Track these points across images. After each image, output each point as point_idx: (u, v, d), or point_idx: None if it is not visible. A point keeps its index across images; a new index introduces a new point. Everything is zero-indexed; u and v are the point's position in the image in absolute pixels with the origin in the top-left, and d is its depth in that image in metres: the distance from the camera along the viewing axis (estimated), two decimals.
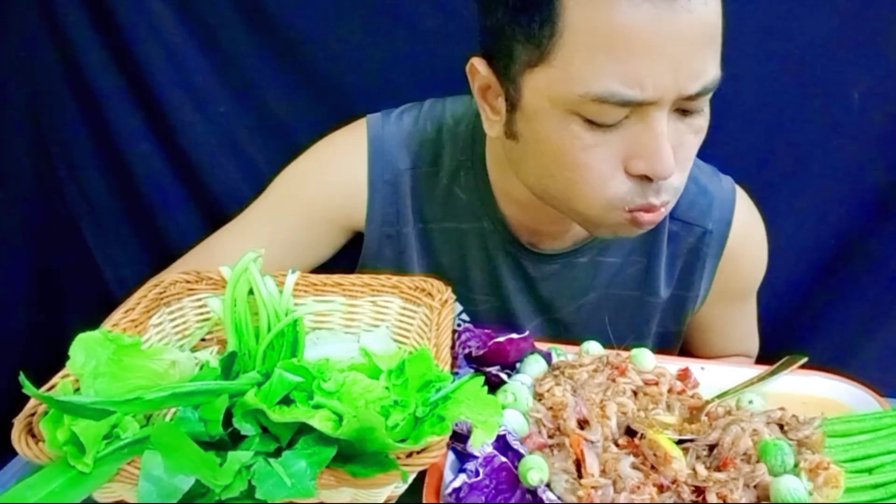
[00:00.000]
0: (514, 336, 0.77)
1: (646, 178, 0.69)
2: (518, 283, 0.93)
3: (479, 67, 0.74)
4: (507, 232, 0.90)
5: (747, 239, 0.94)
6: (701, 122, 0.71)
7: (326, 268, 0.95)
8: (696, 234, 0.91)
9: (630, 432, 0.70)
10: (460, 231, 0.91)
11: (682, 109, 0.68)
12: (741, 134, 1.03)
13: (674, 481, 0.64)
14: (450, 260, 0.93)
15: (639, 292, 0.94)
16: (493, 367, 0.76)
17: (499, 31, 0.70)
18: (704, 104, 0.70)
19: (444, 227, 0.92)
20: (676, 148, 0.68)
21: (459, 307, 0.96)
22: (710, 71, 0.66)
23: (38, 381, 0.55)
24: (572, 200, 0.73)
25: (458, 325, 0.94)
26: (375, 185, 0.89)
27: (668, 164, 0.67)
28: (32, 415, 0.56)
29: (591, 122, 0.67)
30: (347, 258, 0.96)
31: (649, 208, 0.71)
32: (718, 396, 0.76)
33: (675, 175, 0.70)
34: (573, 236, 0.90)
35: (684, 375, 0.80)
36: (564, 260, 0.91)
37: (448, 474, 0.66)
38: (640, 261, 0.92)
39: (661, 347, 0.98)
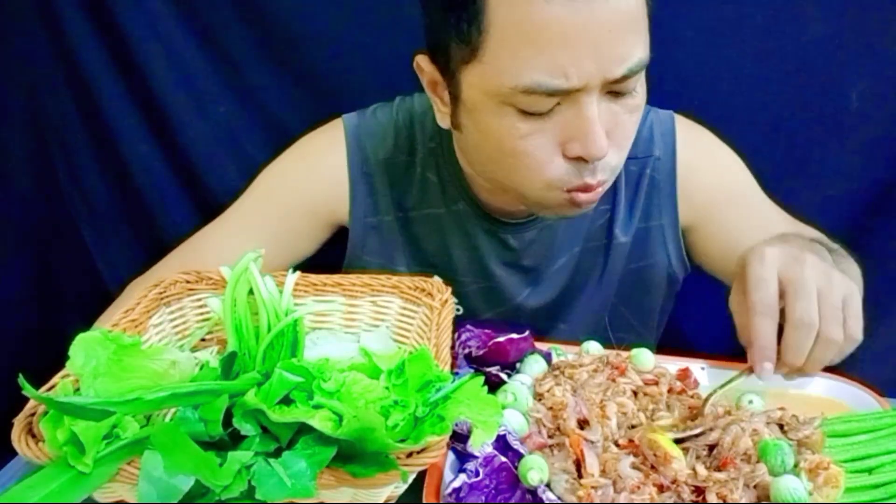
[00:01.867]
0: (514, 336, 0.77)
1: (582, 160, 0.72)
2: (501, 258, 0.95)
3: (423, 65, 0.79)
4: (483, 210, 0.92)
5: (697, 148, 0.95)
6: (636, 102, 0.74)
7: (316, 263, 0.95)
8: (650, 165, 0.94)
9: (631, 432, 0.70)
10: (438, 216, 0.94)
11: (613, 92, 0.71)
12: (741, 134, 1.03)
13: (674, 481, 0.64)
14: (432, 246, 0.96)
15: (606, 241, 0.96)
16: (493, 367, 0.76)
17: (435, 29, 0.75)
18: (635, 84, 0.72)
19: (423, 214, 0.94)
20: (612, 129, 0.72)
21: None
22: (634, 54, 0.69)
23: (38, 382, 0.55)
24: (515, 183, 0.78)
25: (458, 311, 0.95)
26: (355, 177, 0.93)
27: (600, 145, 0.70)
28: (32, 415, 0.55)
29: (524, 112, 0.71)
30: (335, 254, 0.97)
31: (586, 188, 0.75)
32: (722, 386, 0.74)
33: (612, 154, 0.74)
34: None
35: (684, 375, 0.80)
36: (541, 224, 0.93)
37: (448, 474, 0.66)
38: (606, 208, 0.95)
39: (649, 284, 0.99)
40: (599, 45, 0.67)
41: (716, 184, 0.97)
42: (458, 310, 0.97)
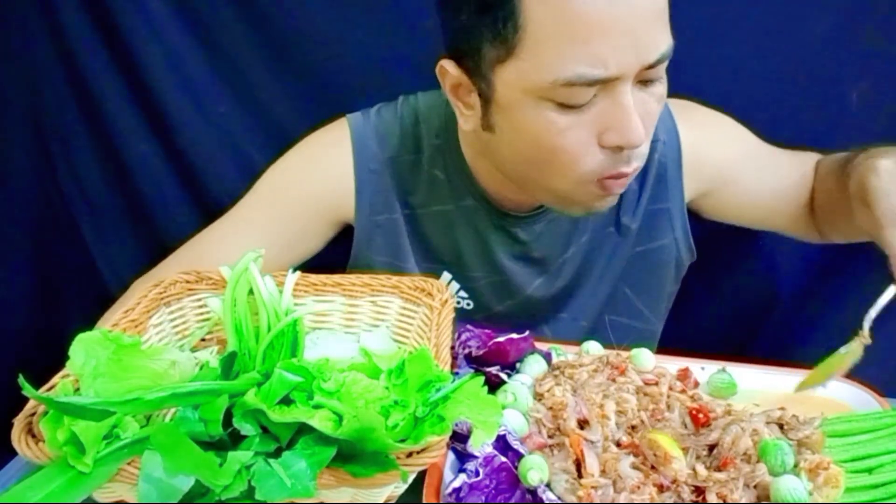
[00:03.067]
0: (514, 336, 0.77)
1: (618, 149, 0.74)
2: (511, 251, 0.95)
3: (448, 68, 0.78)
4: (491, 205, 0.93)
5: (697, 124, 0.97)
6: (662, 90, 0.76)
7: (320, 261, 0.95)
8: (657, 150, 0.94)
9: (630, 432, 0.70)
10: (446, 213, 0.94)
11: (644, 80, 0.73)
12: None
13: (674, 481, 0.64)
14: (441, 242, 0.96)
15: (614, 228, 0.97)
16: (493, 367, 0.76)
17: (465, 32, 0.74)
18: (662, 72, 0.74)
19: (430, 211, 0.95)
20: (643, 117, 0.73)
21: (456, 285, 0.98)
22: (664, 40, 0.71)
23: (38, 381, 0.55)
24: (548, 179, 0.78)
25: (458, 303, 0.97)
26: (361, 175, 0.93)
27: (638, 133, 0.72)
28: (32, 415, 0.56)
29: (563, 106, 0.72)
30: (341, 252, 0.97)
31: (619, 175, 0.76)
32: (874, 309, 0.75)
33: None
34: None
35: (684, 375, 0.80)
36: (550, 215, 0.93)
37: (448, 474, 0.66)
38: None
39: (656, 266, 0.99)
40: (636, 32, 0.68)
41: (723, 151, 0.98)
42: (468, 305, 0.98)
